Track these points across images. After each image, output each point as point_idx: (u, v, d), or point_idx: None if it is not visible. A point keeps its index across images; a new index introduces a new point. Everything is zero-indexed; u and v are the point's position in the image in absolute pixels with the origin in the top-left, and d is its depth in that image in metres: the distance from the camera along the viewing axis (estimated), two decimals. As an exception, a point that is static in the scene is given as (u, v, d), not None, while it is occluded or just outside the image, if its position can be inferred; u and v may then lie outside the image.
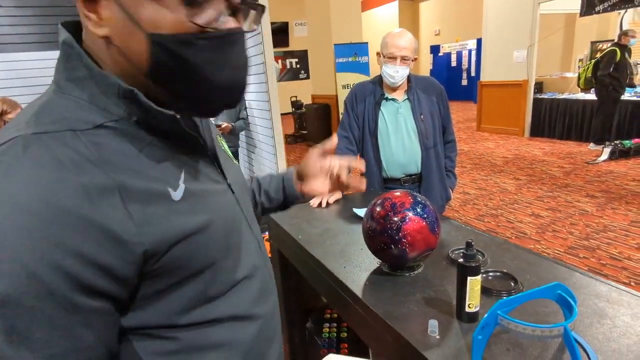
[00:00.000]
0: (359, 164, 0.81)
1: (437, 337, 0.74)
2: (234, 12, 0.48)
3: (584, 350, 0.68)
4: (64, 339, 0.40)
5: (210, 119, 0.65)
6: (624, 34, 5.35)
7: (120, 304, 0.46)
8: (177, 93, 0.48)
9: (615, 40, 5.45)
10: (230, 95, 0.51)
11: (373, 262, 1.04)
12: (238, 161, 3.05)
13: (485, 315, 0.64)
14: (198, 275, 0.52)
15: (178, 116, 0.49)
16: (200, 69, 0.46)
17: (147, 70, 0.46)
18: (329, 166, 0.81)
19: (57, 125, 0.43)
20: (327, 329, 1.48)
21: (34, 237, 0.38)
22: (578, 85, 5.90)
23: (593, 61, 5.56)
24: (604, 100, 5.54)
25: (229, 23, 0.47)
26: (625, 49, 5.31)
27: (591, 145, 5.75)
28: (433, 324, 0.76)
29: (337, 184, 0.82)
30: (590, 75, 5.56)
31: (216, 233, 0.53)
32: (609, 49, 5.41)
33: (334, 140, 0.81)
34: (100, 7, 0.44)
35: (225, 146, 0.73)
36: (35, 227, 0.38)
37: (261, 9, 0.51)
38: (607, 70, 5.31)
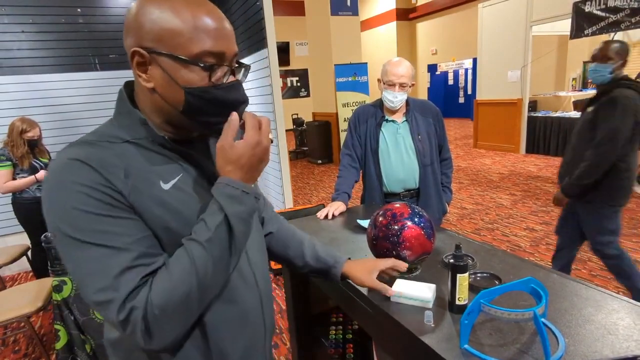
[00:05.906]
0: (402, 267, 0.99)
1: (432, 325, 0.88)
2: (233, 71, 0.72)
3: (554, 334, 0.82)
4: (124, 231, 0.64)
5: None
6: None
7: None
8: (201, 121, 0.72)
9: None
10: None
11: (376, 266, 1.17)
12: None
13: (470, 303, 0.79)
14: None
15: (166, 137, 0.72)
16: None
17: (182, 109, 0.71)
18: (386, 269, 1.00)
19: (101, 138, 0.70)
20: (334, 331, 1.60)
21: (79, 186, 0.62)
22: None
23: None
24: None
25: (231, 78, 0.72)
26: None
27: None
28: (429, 315, 0.90)
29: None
30: None
31: (188, 224, 0.70)
32: None
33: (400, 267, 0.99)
34: (149, 70, 0.69)
35: None
36: (77, 182, 0.62)
37: (247, 68, 0.77)
38: None
